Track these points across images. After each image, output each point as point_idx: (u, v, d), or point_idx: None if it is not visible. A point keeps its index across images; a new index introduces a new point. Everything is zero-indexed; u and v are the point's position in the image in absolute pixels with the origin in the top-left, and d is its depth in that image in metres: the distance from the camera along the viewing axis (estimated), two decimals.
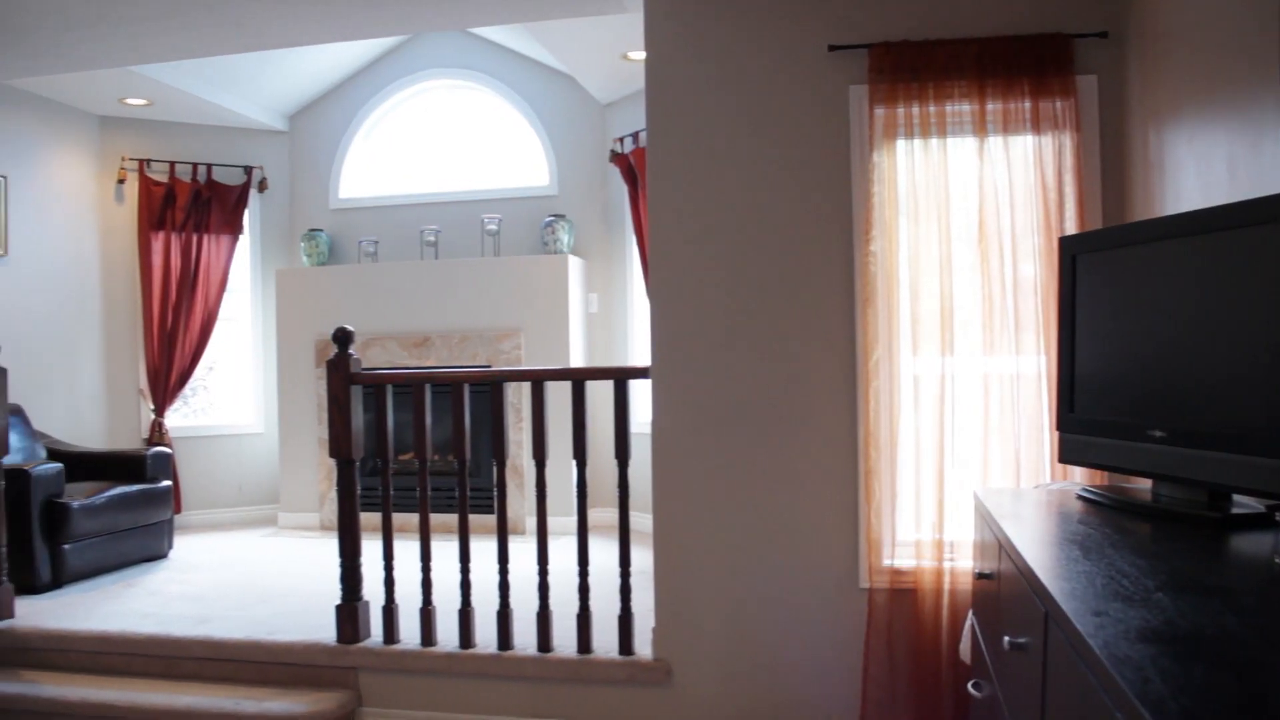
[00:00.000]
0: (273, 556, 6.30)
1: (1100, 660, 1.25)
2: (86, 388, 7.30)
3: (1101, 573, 1.72)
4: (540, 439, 3.97)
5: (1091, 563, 1.81)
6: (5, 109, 6.65)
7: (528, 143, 7.53)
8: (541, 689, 3.93)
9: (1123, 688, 1.13)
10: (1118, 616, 1.43)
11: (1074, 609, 1.49)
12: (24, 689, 4.29)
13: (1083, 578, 1.69)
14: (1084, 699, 1.38)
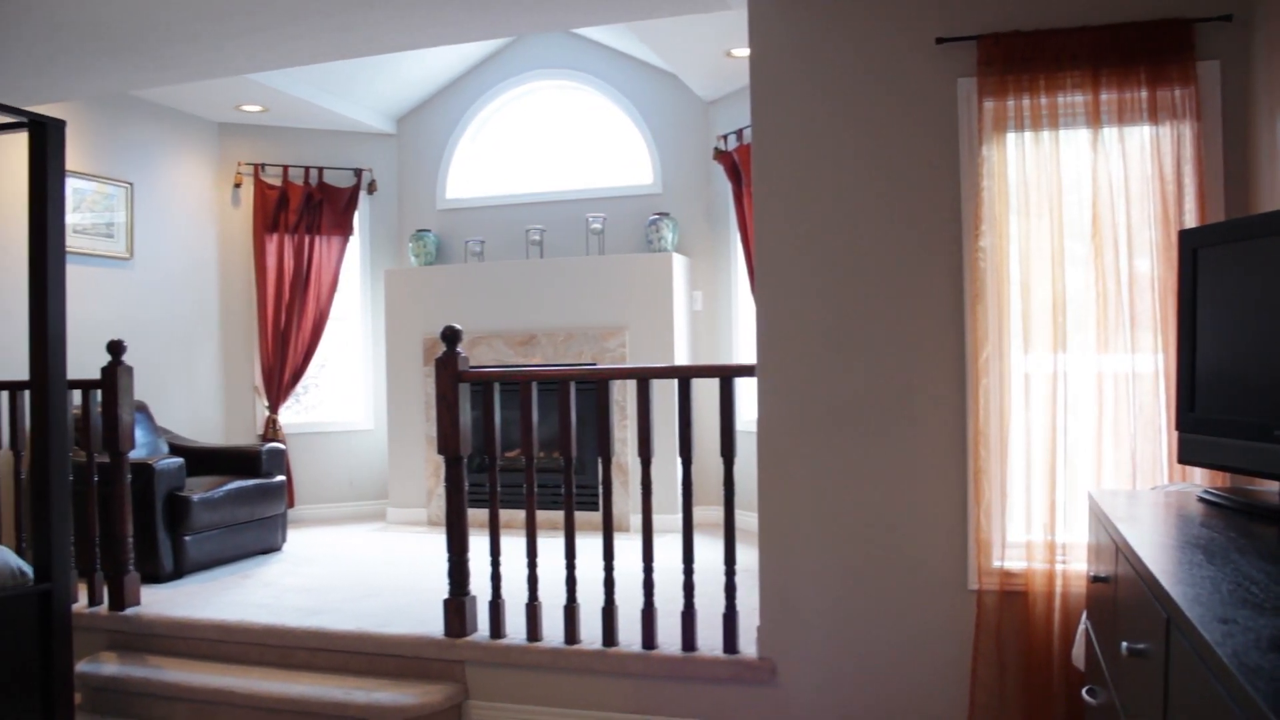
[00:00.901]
0: (382, 551, 6.43)
1: (1230, 670, 1.20)
2: (205, 385, 7.53)
3: (1227, 578, 1.66)
4: (645, 436, 3.98)
5: (1216, 567, 1.74)
6: (131, 119, 6.90)
7: (632, 141, 7.55)
8: (645, 686, 3.94)
9: (1255, 699, 1.09)
10: (1247, 624, 1.38)
11: (1199, 615, 1.44)
12: (149, 673, 4.45)
13: (1207, 583, 1.63)
14: (1211, 709, 1.33)
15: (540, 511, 6.89)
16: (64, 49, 4.70)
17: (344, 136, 7.96)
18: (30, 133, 3.76)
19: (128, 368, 4.91)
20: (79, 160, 6.28)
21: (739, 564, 3.96)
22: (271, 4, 4.21)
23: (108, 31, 4.48)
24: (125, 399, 4.89)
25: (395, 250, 8.15)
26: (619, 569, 4.10)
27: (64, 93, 5.45)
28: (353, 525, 7.55)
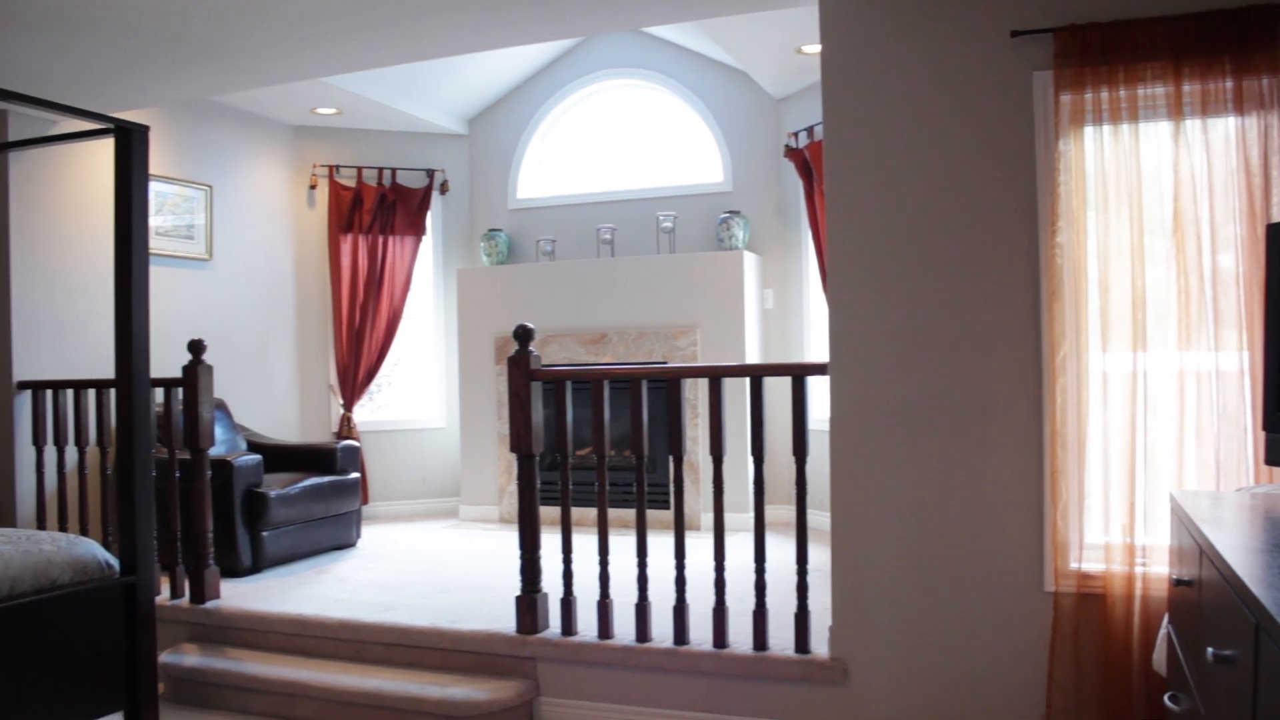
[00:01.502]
0: (454, 547, 6.50)
1: None
2: (282, 384, 7.67)
3: None
4: (718, 435, 3.98)
5: None
6: (210, 123, 7.04)
7: (702, 139, 7.54)
8: (717, 684, 3.93)
9: None
10: None
11: None
12: (229, 664, 4.54)
13: None
14: None
15: (611, 509, 6.91)
16: (148, 57, 4.81)
17: (417, 138, 8.05)
18: (116, 138, 3.85)
19: (208, 366, 5.01)
20: (161, 164, 6.42)
21: (811, 563, 3.94)
22: (345, 8, 4.27)
23: (189, 38, 4.58)
24: (205, 397, 4.99)
25: (467, 250, 8.23)
26: (690, 567, 4.09)
27: (147, 99, 5.58)
28: (425, 522, 7.63)
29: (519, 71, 7.84)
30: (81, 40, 4.58)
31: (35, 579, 3.53)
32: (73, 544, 3.76)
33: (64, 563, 3.65)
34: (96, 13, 4.24)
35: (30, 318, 5.77)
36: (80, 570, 3.69)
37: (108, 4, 4.15)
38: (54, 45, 4.63)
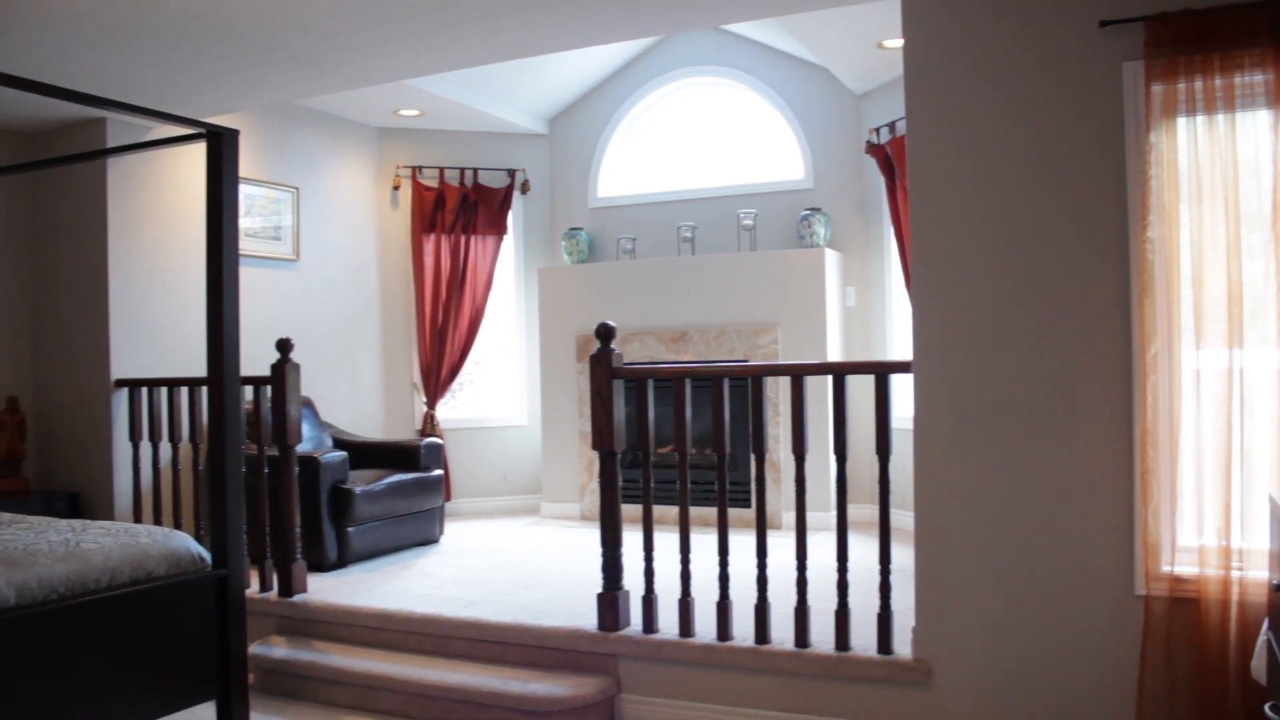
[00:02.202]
0: (536, 544, 6.54)
1: None
2: (366, 381, 7.79)
3: None
4: (800, 433, 3.95)
5: None
6: (297, 126, 7.18)
7: (782, 136, 7.50)
8: (798, 684, 3.91)
9: None
10: None
11: None
12: (316, 656, 4.63)
13: None
14: None
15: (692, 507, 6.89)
16: (238, 63, 4.92)
17: (498, 138, 8.12)
18: (208, 143, 3.94)
19: (295, 365, 5.11)
20: (249, 167, 6.56)
21: (893, 563, 3.89)
22: (426, 11, 4.33)
23: (277, 44, 4.68)
24: (293, 395, 5.09)
25: (548, 249, 8.28)
26: (771, 566, 4.07)
27: (237, 103, 5.71)
28: (507, 519, 7.70)
29: (599, 71, 7.87)
30: (174, 49, 4.70)
31: (133, 570, 3.63)
32: (168, 537, 3.86)
33: (160, 555, 3.74)
34: (189, 23, 4.35)
35: (127, 318, 5.95)
36: (175, 563, 3.78)
37: (199, 14, 4.25)
38: (149, 55, 4.76)
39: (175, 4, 4.16)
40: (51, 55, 4.75)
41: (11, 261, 6.16)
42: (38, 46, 4.63)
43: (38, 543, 3.65)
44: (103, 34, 4.49)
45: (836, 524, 3.93)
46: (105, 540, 3.71)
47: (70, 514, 5.81)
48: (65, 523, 4.10)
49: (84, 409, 6.00)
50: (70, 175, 6.01)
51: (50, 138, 6.11)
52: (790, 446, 4.02)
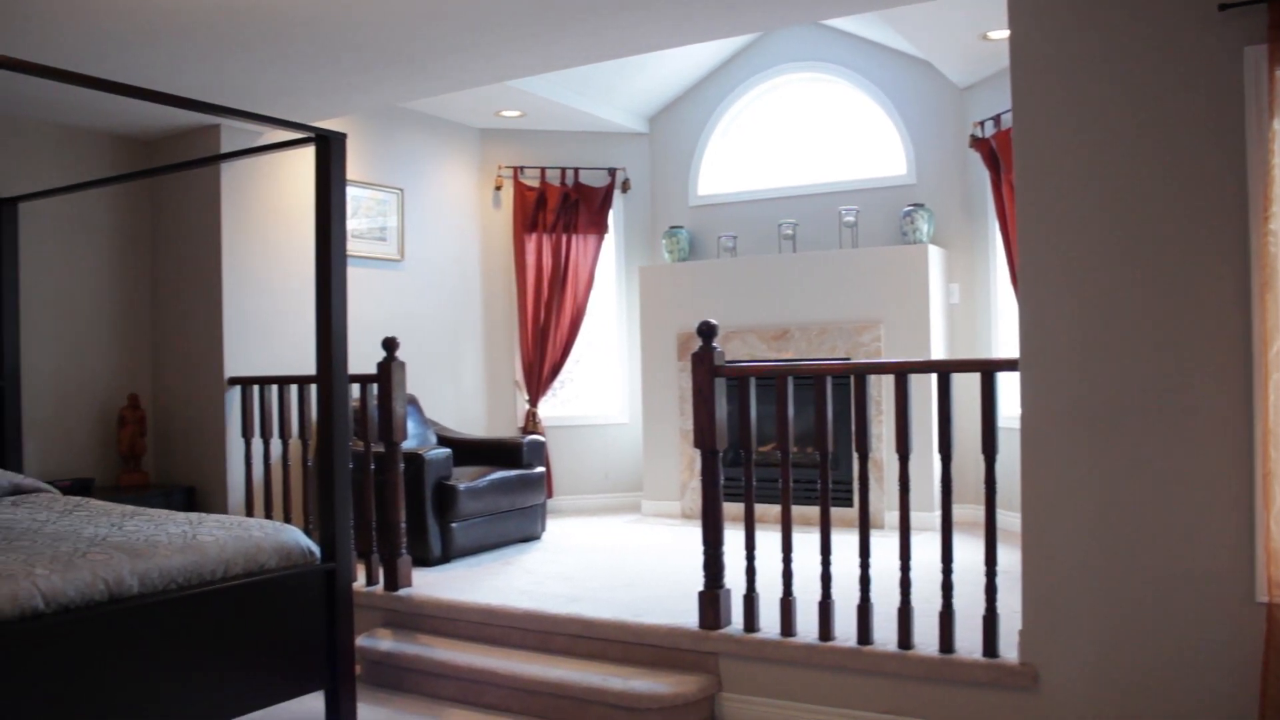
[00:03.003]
0: (637, 542, 6.56)
1: None
2: (469, 380, 7.90)
3: None
4: (904, 432, 3.90)
5: None
6: (401, 129, 7.31)
7: (883, 132, 7.41)
8: (901, 686, 3.85)
9: None
10: None
11: None
12: (421, 650, 4.70)
13: None
14: None
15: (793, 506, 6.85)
16: (346, 68, 5.03)
17: (598, 137, 8.16)
18: (316, 146, 4.04)
19: (401, 363, 5.20)
20: (355, 169, 6.69)
21: (999, 565, 3.81)
22: (528, 13, 4.37)
23: (384, 49, 4.76)
24: (399, 392, 5.18)
25: (649, 247, 8.30)
26: (873, 566, 4.02)
27: (343, 108, 5.84)
28: (608, 516, 7.73)
29: (698, 69, 7.86)
30: (285, 57, 4.82)
31: (246, 563, 3.74)
32: (279, 531, 3.96)
33: (271, 548, 3.85)
34: (298, 30, 4.45)
35: (239, 318, 6.12)
36: (285, 556, 3.88)
37: (309, 21, 4.35)
38: (260, 63, 4.89)
39: (286, 13, 4.27)
40: (169, 66, 4.91)
41: (133, 265, 6.39)
42: (156, 58, 4.79)
43: (158, 535, 3.78)
44: (217, 44, 4.63)
45: (941, 524, 3.87)
46: (220, 533, 3.83)
47: (187, 507, 6.00)
48: (183, 515, 4.25)
49: (200, 406, 6.20)
50: (186, 181, 6.22)
51: (167, 145, 6.33)
52: (893, 445, 3.96)
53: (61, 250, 6.03)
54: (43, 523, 4.17)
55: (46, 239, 5.94)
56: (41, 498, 4.88)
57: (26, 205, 5.71)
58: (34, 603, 3.12)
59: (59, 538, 3.73)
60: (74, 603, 3.21)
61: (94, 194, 6.10)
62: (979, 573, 3.86)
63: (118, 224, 6.31)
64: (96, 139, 6.18)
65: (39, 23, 4.30)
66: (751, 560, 4.23)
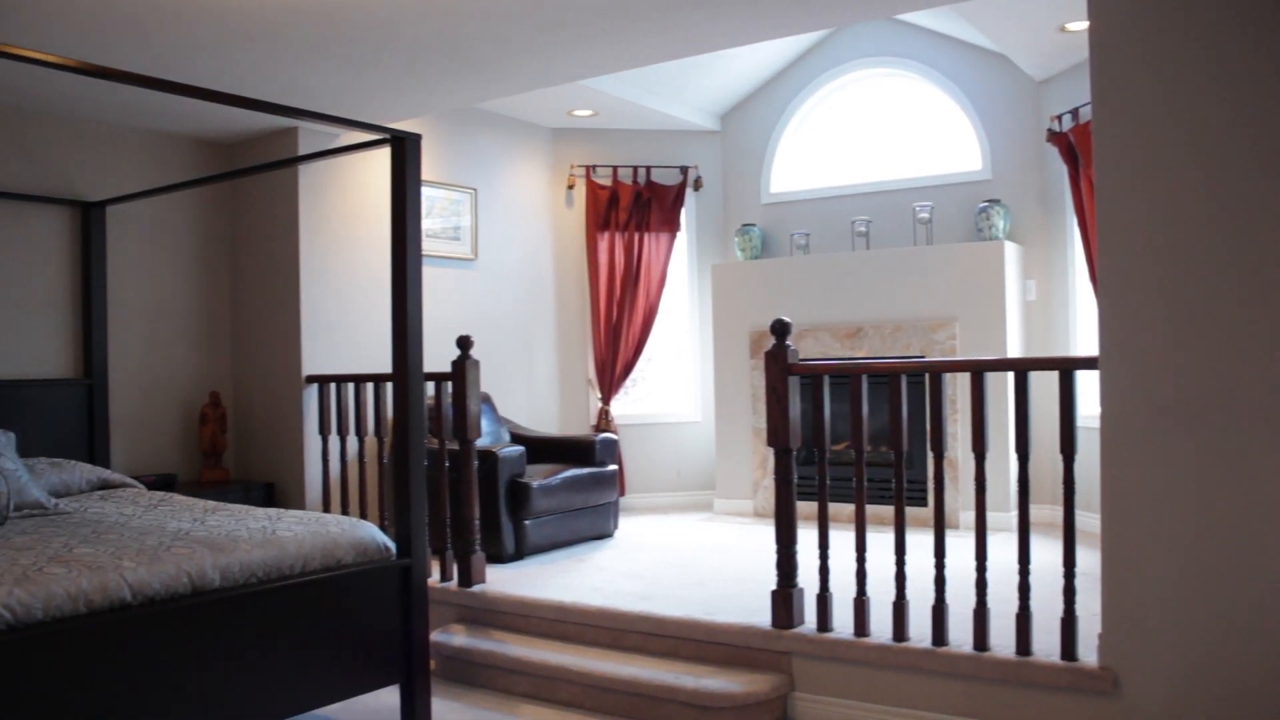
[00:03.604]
0: (709, 540, 6.55)
1: None
2: (542, 378, 7.94)
3: None
4: (980, 431, 3.84)
5: None
6: (474, 129, 7.38)
7: (958, 127, 7.31)
8: (976, 688, 3.80)
9: None
10: None
11: None
12: (494, 646, 4.74)
13: None
14: None
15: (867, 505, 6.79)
16: (421, 70, 5.08)
17: (670, 135, 8.16)
18: (392, 147, 4.09)
19: (475, 361, 5.25)
20: (429, 170, 6.75)
21: (1077, 567, 3.74)
22: (600, 12, 4.38)
23: (457, 50, 4.81)
24: (473, 390, 5.23)
25: (721, 245, 8.28)
26: (947, 566, 3.97)
27: (419, 109, 5.90)
28: (680, 515, 7.73)
29: (770, 65, 7.82)
30: (361, 59, 4.89)
31: (324, 558, 3.80)
32: (355, 526, 4.02)
33: (348, 544, 3.91)
34: (374, 33, 4.51)
35: (316, 317, 6.22)
36: (362, 551, 3.94)
37: (384, 24, 4.40)
38: (337, 65, 4.97)
39: (363, 17, 4.33)
40: (248, 70, 5.00)
41: (214, 265, 6.52)
42: (236, 63, 4.88)
43: (238, 530, 3.86)
44: (295, 48, 4.70)
45: (1018, 524, 3.81)
46: (298, 529, 3.90)
47: (266, 503, 6.12)
48: (262, 511, 4.33)
49: (278, 404, 6.31)
50: (265, 183, 6.34)
51: (246, 148, 6.45)
52: (969, 444, 3.91)
53: (146, 252, 6.18)
54: (129, 517, 4.29)
55: (132, 241, 6.09)
56: (128, 492, 5.02)
57: (114, 208, 5.88)
58: (122, 594, 3.21)
59: (145, 532, 3.83)
60: (159, 595, 3.30)
61: (177, 196, 6.24)
62: (1055, 574, 3.80)
63: (199, 226, 6.46)
64: (179, 143, 6.32)
65: (127, 32, 4.41)
66: (825, 559, 4.20)
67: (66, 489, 4.92)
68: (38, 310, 5.67)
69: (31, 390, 5.53)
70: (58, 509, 4.50)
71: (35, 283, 5.67)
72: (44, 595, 3.04)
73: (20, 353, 5.59)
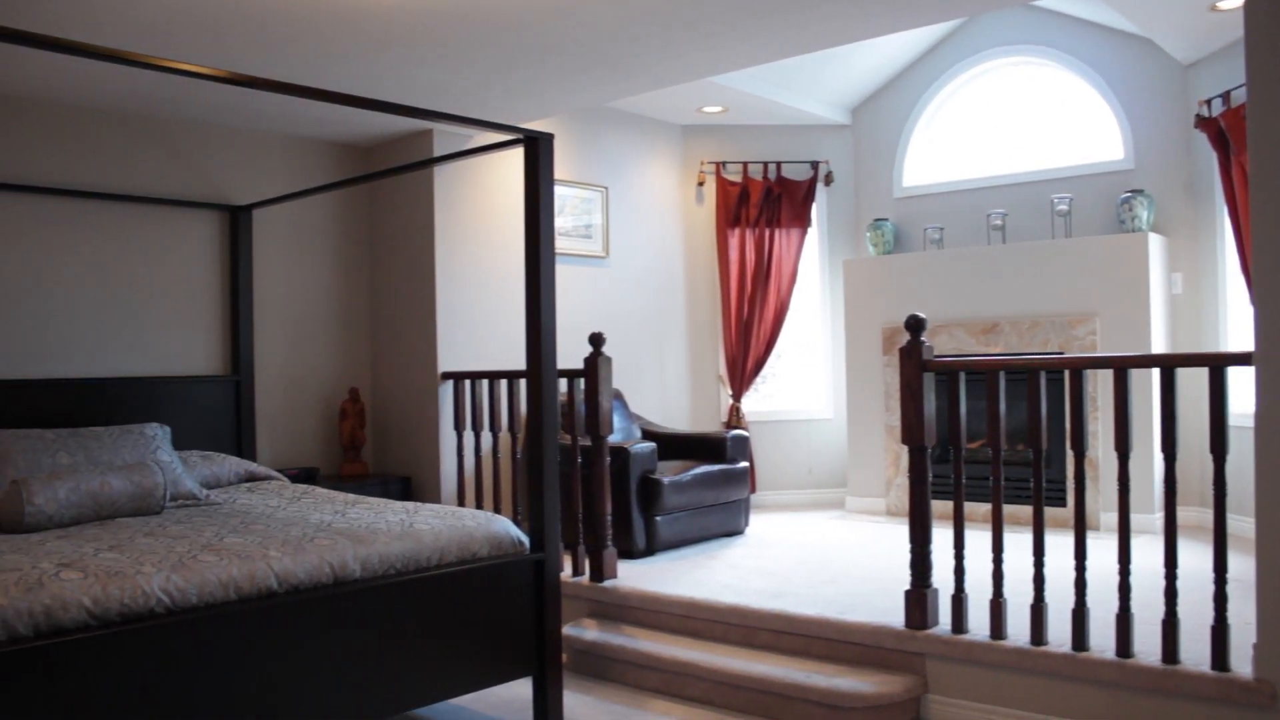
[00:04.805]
0: (840, 538, 6.48)
1: None
2: (673, 374, 7.97)
3: None
4: (1123, 430, 3.72)
5: None
6: (605, 128, 7.44)
7: (1099, 115, 7.07)
8: (1118, 697, 3.67)
9: None
10: None
11: None
12: (625, 641, 4.78)
13: None
14: None
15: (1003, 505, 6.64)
16: (552, 70, 5.15)
17: (800, 130, 8.10)
18: (525, 147, 4.15)
19: (607, 358, 5.29)
20: (561, 169, 6.84)
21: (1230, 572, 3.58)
22: (733, 8, 4.37)
23: (587, 50, 4.85)
24: (605, 387, 5.27)
25: (853, 240, 8.19)
26: (1089, 569, 3.85)
27: (550, 109, 5.97)
28: (811, 512, 7.67)
29: (902, 57, 7.70)
30: (494, 62, 4.97)
31: (460, 551, 3.89)
32: (490, 521, 4.10)
33: (483, 538, 3.99)
34: (506, 35, 4.58)
35: (451, 315, 6.36)
36: (496, 545, 4.02)
37: (518, 27, 4.47)
38: (471, 68, 5.06)
39: (496, 19, 4.40)
40: (384, 75, 5.13)
41: (353, 265, 6.72)
42: (372, 68, 5.02)
43: (377, 522, 3.98)
44: (430, 52, 4.81)
45: (1164, 526, 3.66)
46: (435, 522, 4.00)
47: (403, 496, 6.28)
48: (400, 504, 4.45)
49: (415, 400, 6.47)
50: (401, 184, 6.50)
51: (383, 150, 6.63)
52: (1111, 443, 3.78)
53: (289, 253, 6.40)
54: (274, 508, 4.45)
55: (276, 243, 6.32)
56: (272, 485, 5.21)
57: (259, 212, 6.12)
58: (269, 582, 3.34)
59: (289, 523, 3.97)
60: (303, 584, 3.42)
61: (317, 199, 6.46)
62: (1203, 580, 3.65)
63: (339, 227, 6.66)
64: (319, 148, 6.53)
65: (271, 43, 4.58)
66: (960, 559, 4.12)
67: (216, 481, 5.15)
68: (191, 310, 5.94)
69: (184, 386, 5.79)
70: (208, 500, 4.71)
71: (188, 284, 5.94)
72: (198, 581, 3.19)
73: (175, 350, 5.86)
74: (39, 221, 5.38)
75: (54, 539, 3.72)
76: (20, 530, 3.93)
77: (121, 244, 5.67)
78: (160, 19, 4.27)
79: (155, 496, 4.32)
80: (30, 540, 3.70)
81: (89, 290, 5.54)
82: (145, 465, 4.43)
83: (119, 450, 4.73)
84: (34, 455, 4.47)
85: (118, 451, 4.72)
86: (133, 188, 5.72)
